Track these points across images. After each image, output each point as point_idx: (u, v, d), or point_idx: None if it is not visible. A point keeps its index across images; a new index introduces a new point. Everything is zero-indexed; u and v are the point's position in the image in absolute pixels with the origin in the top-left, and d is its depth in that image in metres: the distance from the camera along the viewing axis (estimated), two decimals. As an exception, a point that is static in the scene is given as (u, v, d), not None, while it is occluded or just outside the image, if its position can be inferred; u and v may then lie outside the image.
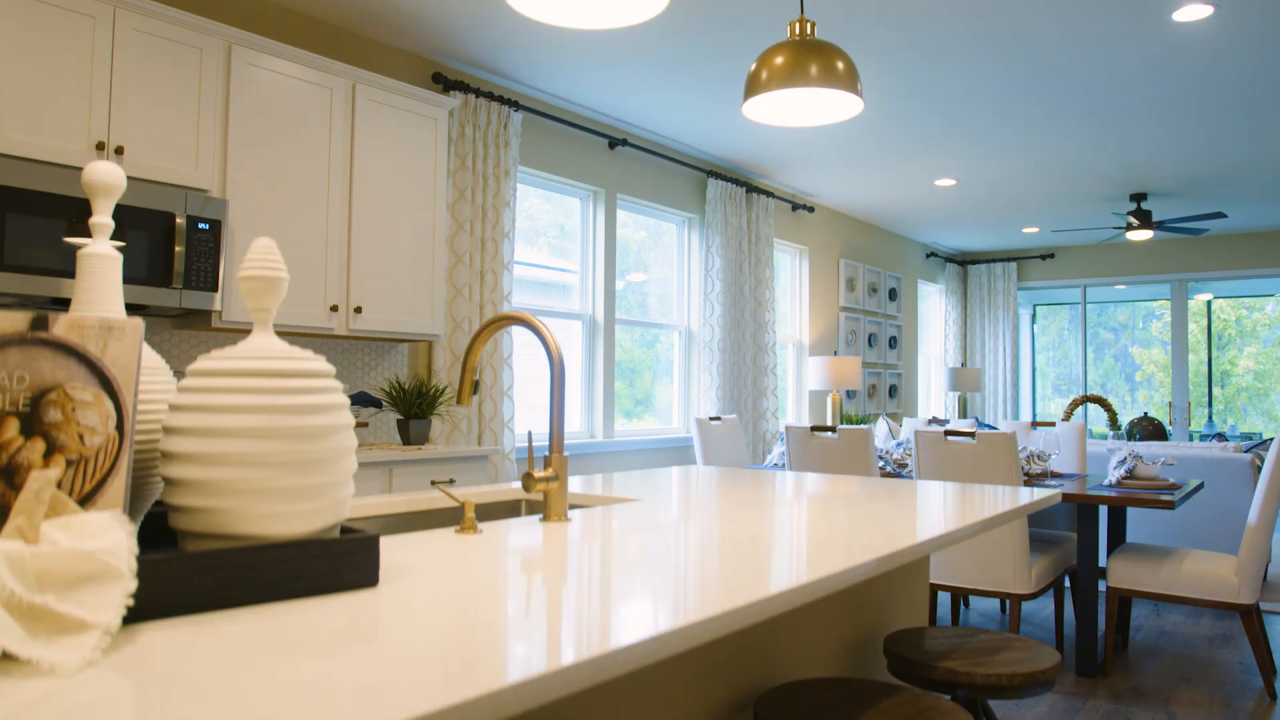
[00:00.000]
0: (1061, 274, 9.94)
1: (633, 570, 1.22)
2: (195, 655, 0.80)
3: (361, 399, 3.74)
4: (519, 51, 4.38)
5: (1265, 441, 5.48)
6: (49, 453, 0.94)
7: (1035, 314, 10.75)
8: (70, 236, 2.83)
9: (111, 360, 0.98)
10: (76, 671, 0.75)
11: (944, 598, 5.01)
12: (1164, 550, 3.94)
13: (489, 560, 1.27)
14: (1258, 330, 10.02)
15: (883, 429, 7.40)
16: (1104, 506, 5.13)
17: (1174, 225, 7.39)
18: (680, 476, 2.53)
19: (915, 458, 3.83)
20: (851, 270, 8.28)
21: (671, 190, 6.08)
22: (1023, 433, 5.04)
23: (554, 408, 1.74)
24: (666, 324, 6.17)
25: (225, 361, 1.04)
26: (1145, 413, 8.15)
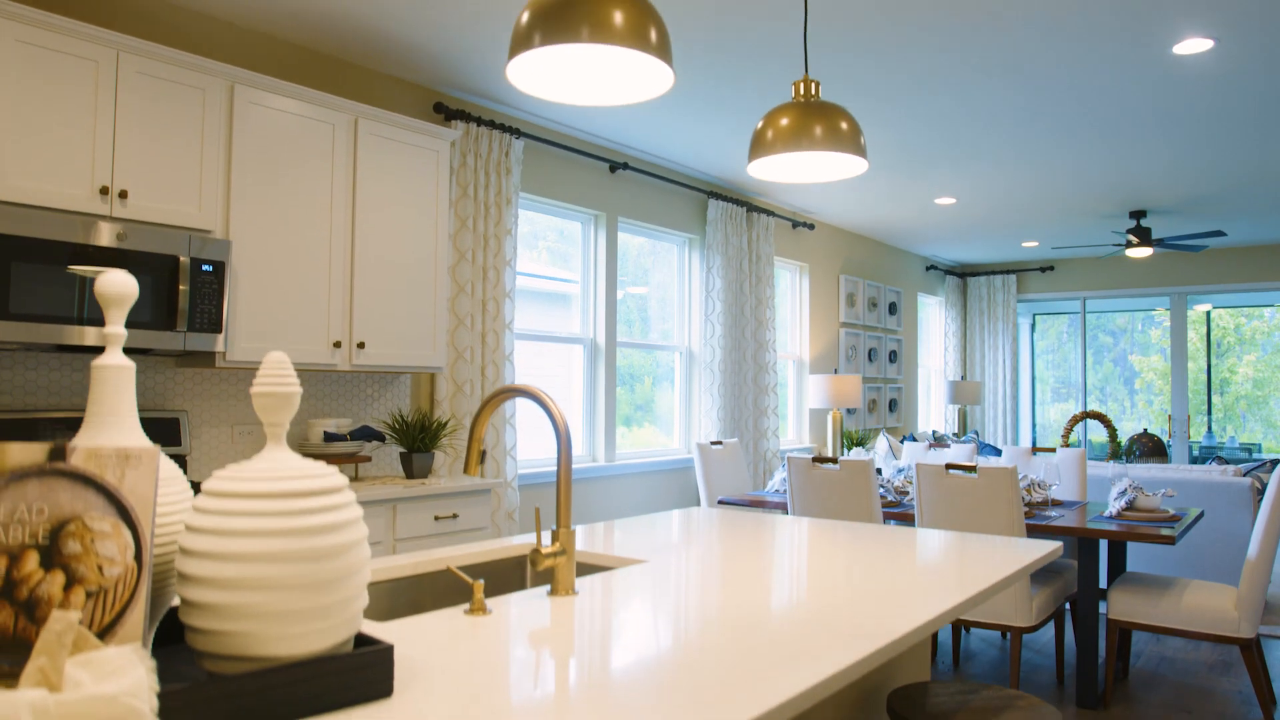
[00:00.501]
0: (1061, 286, 9.96)
1: (641, 662, 1.23)
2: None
3: (364, 433, 3.75)
4: (520, 81, 4.38)
5: (1264, 463, 5.50)
6: (69, 585, 0.95)
7: (1035, 322, 10.78)
8: (73, 265, 2.84)
9: (129, 489, 0.99)
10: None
11: (945, 627, 5.02)
12: (1164, 581, 3.95)
13: (499, 651, 1.28)
14: (1257, 338, 10.05)
15: (883, 446, 7.40)
16: (1104, 530, 5.13)
17: (1173, 243, 7.41)
18: (682, 528, 2.54)
19: (916, 490, 3.84)
20: (851, 285, 8.29)
21: (673, 212, 6.09)
22: (1023, 460, 5.06)
23: (561, 481, 1.75)
24: (667, 345, 6.18)
25: (240, 483, 1.05)
26: (1145, 429, 8.17)
